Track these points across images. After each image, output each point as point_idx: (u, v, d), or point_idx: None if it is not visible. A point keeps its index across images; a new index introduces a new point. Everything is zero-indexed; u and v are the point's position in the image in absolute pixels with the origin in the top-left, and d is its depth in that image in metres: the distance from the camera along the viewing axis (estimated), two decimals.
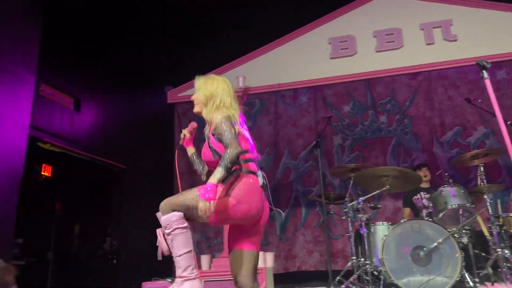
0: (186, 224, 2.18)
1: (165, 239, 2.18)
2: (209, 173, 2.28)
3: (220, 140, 2.22)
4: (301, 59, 4.87)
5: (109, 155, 5.59)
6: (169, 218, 2.16)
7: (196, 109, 2.44)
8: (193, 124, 2.57)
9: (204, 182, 2.23)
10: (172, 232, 2.15)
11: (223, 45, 5.56)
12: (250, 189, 2.23)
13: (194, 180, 6.49)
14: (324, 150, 5.99)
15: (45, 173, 5.46)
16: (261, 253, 3.39)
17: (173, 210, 2.17)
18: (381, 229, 4.03)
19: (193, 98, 2.47)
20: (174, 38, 5.56)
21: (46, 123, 4.78)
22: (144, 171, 6.01)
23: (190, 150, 2.57)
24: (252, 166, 2.31)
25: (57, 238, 5.40)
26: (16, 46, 4.01)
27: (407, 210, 4.85)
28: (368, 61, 4.64)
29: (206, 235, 6.09)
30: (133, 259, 5.42)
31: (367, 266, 3.83)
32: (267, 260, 4.34)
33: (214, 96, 2.37)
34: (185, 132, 2.54)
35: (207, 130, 2.38)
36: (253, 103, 6.51)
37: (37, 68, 4.19)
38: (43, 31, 4.33)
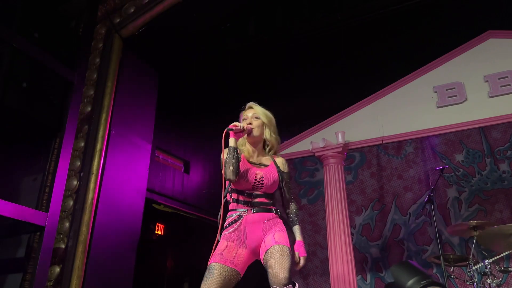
0: None
1: None
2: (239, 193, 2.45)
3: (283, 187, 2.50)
4: (405, 110, 4.65)
5: (215, 213, 5.82)
6: None
7: (255, 132, 2.51)
8: (250, 129, 2.50)
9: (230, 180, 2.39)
10: None
11: (322, 100, 5.61)
12: None
13: None
14: (437, 204, 5.50)
15: (158, 232, 5.85)
16: None
17: (291, 281, 2.16)
18: None
19: (251, 117, 2.55)
20: (272, 96, 5.77)
21: (159, 186, 5.18)
22: None
23: (235, 142, 2.42)
24: None
25: None
26: (135, 119, 4.48)
27: None
28: (481, 107, 4.26)
29: None
30: None
31: None
32: None
33: (274, 124, 2.61)
34: (244, 127, 2.46)
35: (262, 157, 2.56)
36: (352, 156, 6.34)
37: (152, 137, 4.62)
38: (158, 98, 4.82)
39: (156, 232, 5.77)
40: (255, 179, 2.43)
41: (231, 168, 2.34)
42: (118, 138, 4.20)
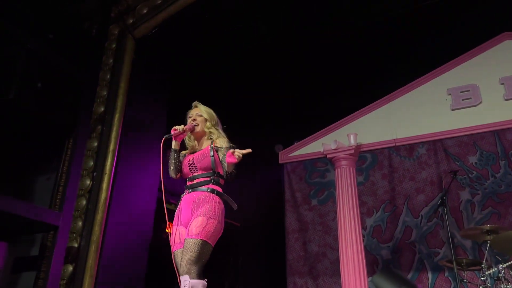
0: None
1: None
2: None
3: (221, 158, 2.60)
4: (418, 113, 4.60)
5: (226, 213, 5.85)
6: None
7: (198, 128, 2.74)
8: (192, 127, 2.74)
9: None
10: None
11: (334, 102, 5.59)
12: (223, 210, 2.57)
13: (305, 238, 6.39)
14: (450, 206, 5.44)
15: (169, 231, 5.88)
16: None
17: (198, 273, 2.32)
18: None
19: (194, 114, 2.77)
20: (284, 98, 5.77)
21: (171, 185, 5.20)
22: (257, 228, 6.15)
23: (177, 145, 2.69)
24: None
25: None
26: (148, 119, 4.51)
27: None
28: (497, 110, 4.19)
29: None
30: None
31: None
32: None
33: (215, 119, 2.83)
34: (184, 128, 2.68)
35: (204, 145, 2.73)
36: (363, 157, 6.29)
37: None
38: (170, 99, 4.84)
39: (167, 231, 5.80)
40: (189, 165, 2.67)
41: (171, 168, 2.70)
42: (131, 138, 4.23)
